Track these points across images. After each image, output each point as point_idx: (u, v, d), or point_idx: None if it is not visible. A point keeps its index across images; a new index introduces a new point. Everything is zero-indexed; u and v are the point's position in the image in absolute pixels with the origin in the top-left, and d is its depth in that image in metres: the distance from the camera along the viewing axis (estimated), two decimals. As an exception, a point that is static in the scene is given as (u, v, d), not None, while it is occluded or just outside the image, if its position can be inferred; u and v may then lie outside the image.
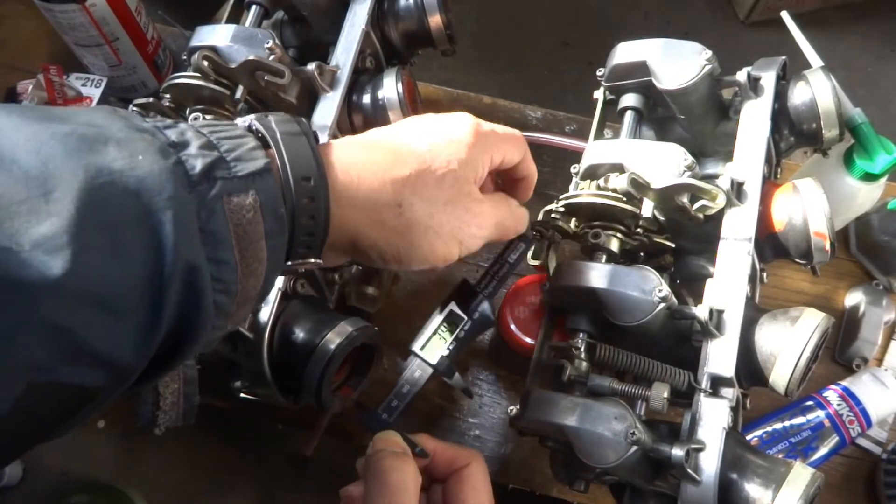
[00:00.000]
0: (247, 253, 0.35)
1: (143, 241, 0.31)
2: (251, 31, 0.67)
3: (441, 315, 0.54)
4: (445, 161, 0.46)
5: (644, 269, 0.56)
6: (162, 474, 1.59)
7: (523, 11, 2.22)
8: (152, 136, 0.33)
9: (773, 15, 2.09)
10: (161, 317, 0.31)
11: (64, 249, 0.27)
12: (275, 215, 0.37)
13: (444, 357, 0.54)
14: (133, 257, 0.30)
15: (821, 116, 0.62)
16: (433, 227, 0.45)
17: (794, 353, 0.52)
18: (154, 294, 0.31)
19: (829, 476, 0.79)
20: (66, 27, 0.85)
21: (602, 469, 0.51)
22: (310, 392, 0.58)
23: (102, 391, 0.31)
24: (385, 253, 0.44)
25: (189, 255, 0.32)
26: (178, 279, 0.32)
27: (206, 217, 0.33)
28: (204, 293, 0.33)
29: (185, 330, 0.33)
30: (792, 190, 0.58)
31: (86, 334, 0.29)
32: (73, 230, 0.28)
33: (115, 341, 0.30)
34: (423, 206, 0.44)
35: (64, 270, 0.27)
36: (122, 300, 0.30)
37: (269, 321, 0.59)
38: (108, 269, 0.29)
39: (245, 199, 0.35)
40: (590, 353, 0.58)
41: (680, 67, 0.62)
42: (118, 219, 0.30)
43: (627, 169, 0.59)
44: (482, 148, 0.48)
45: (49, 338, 0.28)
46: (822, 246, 0.57)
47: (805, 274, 0.86)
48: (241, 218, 0.35)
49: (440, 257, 0.46)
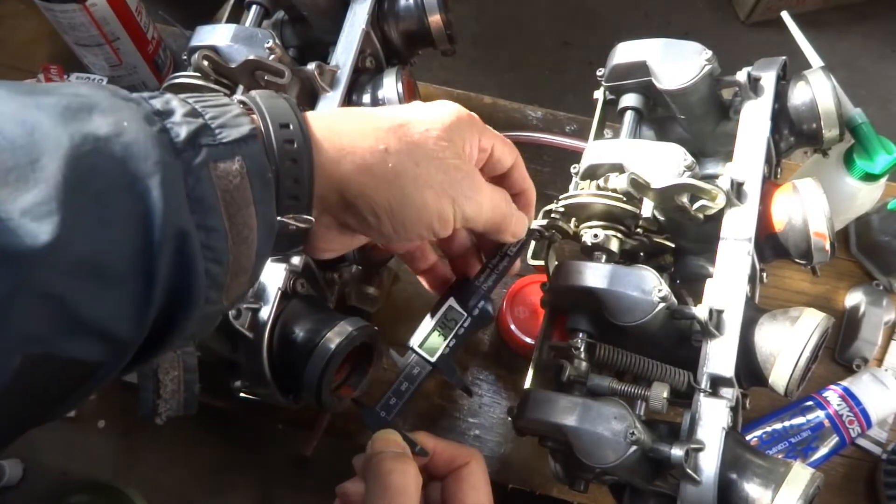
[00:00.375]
0: (236, 220, 0.35)
1: (132, 207, 0.31)
2: (251, 31, 0.67)
3: (440, 311, 0.53)
4: (425, 127, 0.45)
5: (644, 268, 0.56)
6: (162, 474, 1.59)
7: (524, 11, 2.22)
8: (137, 104, 0.33)
9: (773, 15, 2.09)
10: (154, 285, 0.31)
11: (52, 216, 0.27)
12: (262, 181, 0.37)
13: (443, 354, 0.53)
14: (122, 224, 0.30)
15: (821, 116, 0.62)
16: (422, 175, 0.43)
17: (793, 354, 0.52)
18: (145, 261, 0.31)
19: (828, 476, 0.79)
20: (66, 27, 0.85)
21: (602, 469, 0.51)
22: (310, 392, 0.58)
23: (101, 367, 0.31)
24: (376, 205, 0.42)
25: (178, 221, 0.32)
26: (169, 246, 0.31)
27: (192, 184, 0.33)
28: (195, 260, 0.33)
29: (179, 301, 0.33)
30: (792, 190, 0.58)
31: (79, 303, 0.29)
32: (60, 197, 0.28)
33: (110, 310, 0.30)
34: (409, 154, 0.43)
35: (53, 237, 0.27)
36: (113, 267, 0.30)
37: (269, 321, 0.59)
38: (97, 236, 0.29)
39: (231, 166, 0.35)
40: (589, 353, 0.58)
41: (680, 67, 0.62)
42: (105, 185, 0.30)
43: (627, 169, 0.59)
44: (467, 126, 0.47)
45: (43, 306, 0.28)
46: (822, 246, 0.57)
47: (805, 274, 0.86)
48: (227, 184, 0.35)
49: (433, 211, 0.44)
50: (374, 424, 0.51)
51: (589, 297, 0.56)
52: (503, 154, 0.51)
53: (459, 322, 0.53)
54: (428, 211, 0.44)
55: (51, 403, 0.32)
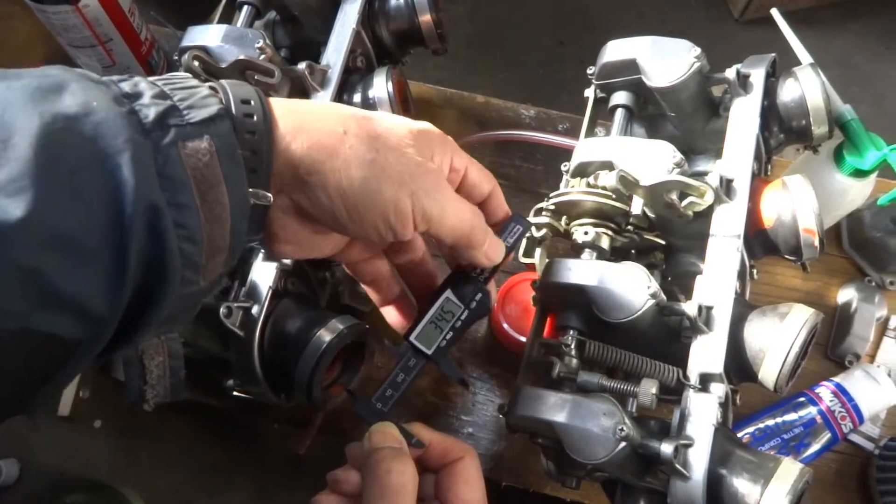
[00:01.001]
0: (207, 197, 0.36)
1: (103, 183, 0.31)
2: (242, 31, 0.67)
3: (436, 304, 0.53)
4: (390, 126, 0.44)
5: (633, 265, 0.56)
6: (158, 474, 1.59)
7: (518, 11, 2.22)
8: (106, 87, 0.34)
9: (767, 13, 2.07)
10: (127, 260, 0.32)
11: (25, 192, 0.28)
12: (232, 159, 0.37)
13: (439, 347, 0.53)
14: (94, 199, 0.31)
15: (810, 113, 0.63)
16: (379, 160, 0.42)
17: (782, 349, 0.52)
18: (117, 235, 0.31)
19: (821, 472, 0.79)
20: (59, 28, 0.85)
21: (592, 465, 0.51)
22: (301, 390, 0.58)
23: (79, 346, 0.32)
24: (328, 184, 0.41)
25: (149, 195, 0.32)
26: (141, 220, 0.32)
27: (162, 162, 0.34)
28: (167, 235, 0.33)
29: (154, 278, 0.34)
30: (781, 186, 0.59)
31: (54, 277, 0.29)
32: (32, 173, 0.29)
33: (84, 285, 0.31)
34: (369, 140, 0.42)
35: (26, 212, 0.28)
36: (86, 242, 0.30)
37: (260, 319, 0.59)
38: (69, 211, 0.30)
39: (200, 144, 0.35)
40: (580, 350, 0.58)
41: (669, 65, 0.63)
42: (76, 162, 0.31)
43: (617, 166, 0.59)
44: (437, 139, 0.47)
45: (17, 281, 0.28)
46: (811, 242, 0.57)
47: (797, 270, 0.87)
48: (197, 162, 0.35)
49: (389, 200, 0.42)
50: (370, 416, 0.50)
51: (579, 295, 0.56)
52: (480, 180, 0.50)
53: (456, 315, 0.52)
54: (384, 199, 0.42)
55: (31, 384, 0.32)
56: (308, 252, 0.47)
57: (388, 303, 0.56)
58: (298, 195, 0.42)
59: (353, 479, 0.49)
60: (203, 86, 0.39)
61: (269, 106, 0.41)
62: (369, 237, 0.45)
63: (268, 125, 0.40)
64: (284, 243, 0.45)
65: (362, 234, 0.44)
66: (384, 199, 0.42)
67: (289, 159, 0.41)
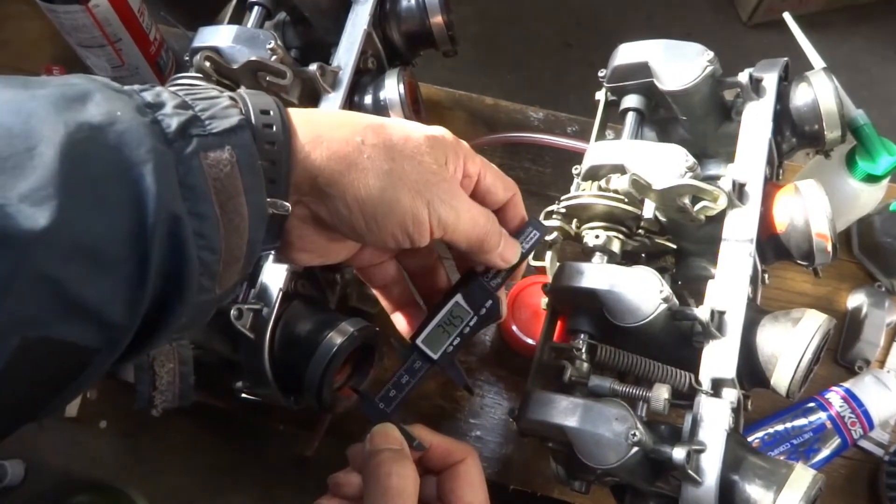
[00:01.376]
0: (227, 207, 0.36)
1: (126, 193, 0.31)
2: (253, 32, 0.67)
3: (445, 308, 0.52)
4: (405, 133, 0.45)
5: (645, 269, 0.56)
6: (163, 474, 1.59)
7: (525, 13, 2.22)
8: (129, 96, 0.34)
9: (775, 16, 2.09)
10: (147, 269, 0.32)
11: (50, 201, 0.28)
12: (252, 169, 0.37)
13: (446, 352, 0.52)
14: (117, 209, 0.31)
15: (823, 118, 0.62)
16: (396, 170, 0.42)
17: (795, 355, 0.52)
18: (139, 246, 0.32)
19: (830, 478, 0.79)
20: (69, 28, 0.86)
21: (603, 470, 0.51)
22: (311, 392, 0.58)
23: (97, 354, 0.32)
24: (348, 194, 0.41)
25: (171, 206, 0.33)
26: (162, 230, 0.32)
27: (183, 172, 0.34)
28: (187, 245, 0.34)
29: (172, 287, 0.34)
30: (794, 191, 0.58)
31: (76, 286, 0.29)
32: (57, 182, 0.29)
33: (105, 294, 0.31)
34: (385, 150, 0.43)
35: (51, 221, 0.28)
36: (108, 251, 0.31)
37: (271, 321, 0.59)
38: (93, 221, 0.30)
39: (221, 155, 0.36)
40: (591, 354, 0.58)
41: (681, 68, 0.62)
42: (101, 171, 0.31)
43: (629, 170, 0.59)
44: (451, 145, 0.47)
45: (41, 289, 0.28)
46: (824, 247, 0.56)
47: (807, 275, 0.86)
48: (218, 172, 0.35)
49: (407, 209, 0.43)
50: (373, 415, 0.50)
51: (590, 298, 0.56)
52: (495, 186, 0.50)
53: (465, 320, 0.52)
54: (402, 208, 0.43)
55: (48, 392, 0.32)
56: (323, 259, 0.47)
57: (397, 309, 0.56)
58: (317, 205, 0.43)
59: (354, 481, 0.49)
60: (223, 95, 0.39)
61: (288, 116, 0.41)
62: (386, 245, 0.45)
63: (287, 135, 0.40)
64: (300, 251, 0.46)
65: (380, 242, 0.45)
66: (402, 208, 0.43)
67: (308, 169, 0.41)
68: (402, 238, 0.44)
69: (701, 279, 0.60)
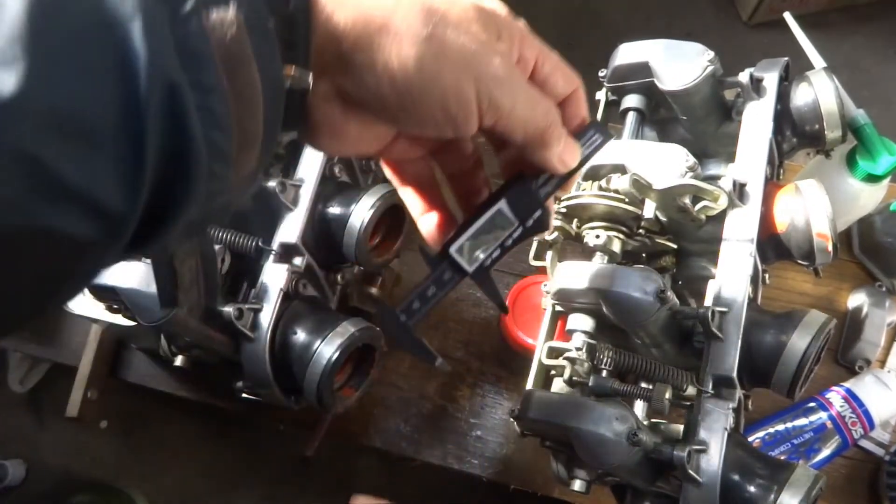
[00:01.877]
0: (235, 77, 0.30)
1: (110, 55, 0.27)
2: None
3: (486, 215, 0.44)
4: (448, 2, 0.37)
5: (646, 269, 0.56)
6: (164, 474, 1.59)
7: (526, 13, 2.20)
8: None
9: (776, 16, 2.09)
10: (143, 148, 0.27)
11: (18, 62, 0.24)
12: (262, 32, 0.32)
13: (483, 265, 0.44)
14: (100, 74, 0.26)
15: (823, 117, 0.62)
16: (437, 38, 0.35)
17: (796, 355, 0.52)
18: (131, 119, 0.27)
19: (831, 478, 0.79)
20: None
21: (604, 470, 0.51)
22: (311, 392, 0.58)
23: (95, 245, 0.28)
24: (375, 60, 0.35)
25: (167, 73, 0.28)
26: (158, 102, 0.27)
27: (182, 35, 0.29)
28: (190, 120, 0.29)
29: (177, 171, 0.29)
30: (794, 191, 0.58)
31: (58, 165, 0.25)
32: (25, 39, 0.24)
33: (95, 175, 0.26)
34: (424, 13, 0.35)
35: (20, 86, 0.24)
36: (94, 124, 0.26)
37: (271, 321, 0.59)
38: (71, 87, 0.26)
39: (226, 14, 0.30)
40: (591, 354, 0.58)
41: (682, 68, 0.62)
42: (78, 28, 0.26)
43: (629, 170, 0.59)
44: (507, 22, 0.40)
45: (18, 167, 0.24)
46: (825, 247, 0.56)
47: (808, 275, 0.86)
48: (221, 35, 0.30)
49: (449, 86, 0.36)
50: (393, 328, 0.44)
51: (591, 298, 0.56)
52: (555, 76, 0.42)
53: (508, 231, 0.44)
54: (443, 83, 0.35)
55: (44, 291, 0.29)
56: (352, 148, 0.41)
57: (428, 209, 0.47)
58: (342, 78, 0.36)
59: None
60: None
61: None
62: (424, 130, 0.39)
63: None
64: (327, 136, 0.39)
65: (416, 126, 0.38)
66: (443, 83, 0.36)
67: (330, 33, 0.35)
68: (442, 122, 0.37)
69: (701, 279, 0.60)
